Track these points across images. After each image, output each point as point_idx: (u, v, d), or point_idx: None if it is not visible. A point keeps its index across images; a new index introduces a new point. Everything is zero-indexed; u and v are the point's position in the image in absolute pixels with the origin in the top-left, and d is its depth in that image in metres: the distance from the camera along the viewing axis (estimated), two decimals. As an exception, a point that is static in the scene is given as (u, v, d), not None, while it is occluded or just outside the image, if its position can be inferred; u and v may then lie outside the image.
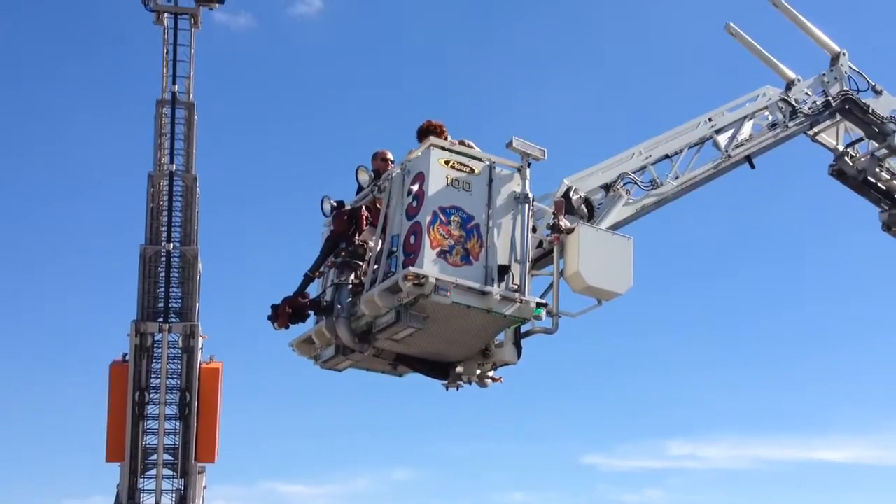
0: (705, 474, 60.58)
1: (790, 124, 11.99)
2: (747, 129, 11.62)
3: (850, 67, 12.78)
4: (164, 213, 32.05)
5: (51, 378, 56.44)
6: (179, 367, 31.80)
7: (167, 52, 31.44)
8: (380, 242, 8.76)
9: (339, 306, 8.88)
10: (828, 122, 12.99)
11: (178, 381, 31.71)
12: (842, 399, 61.26)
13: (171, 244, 32.05)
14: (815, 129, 13.10)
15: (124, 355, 31.54)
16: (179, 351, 31.91)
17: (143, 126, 32.96)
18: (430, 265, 8.14)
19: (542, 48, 64.51)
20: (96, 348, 55.30)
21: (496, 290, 8.36)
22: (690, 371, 61.46)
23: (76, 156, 61.36)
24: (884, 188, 13.69)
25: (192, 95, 31.73)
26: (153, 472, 31.23)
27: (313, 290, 9.37)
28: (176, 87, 31.42)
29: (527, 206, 8.70)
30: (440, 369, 9.21)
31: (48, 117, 60.19)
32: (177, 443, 31.44)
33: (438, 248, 8.24)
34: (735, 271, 64.40)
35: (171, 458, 31.38)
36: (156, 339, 31.80)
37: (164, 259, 32.09)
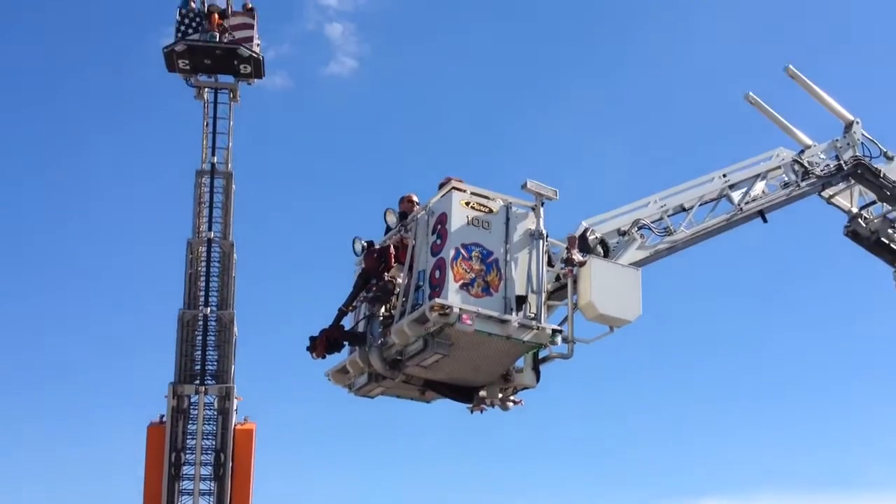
0: None
1: (802, 184, 12.56)
2: (760, 187, 12.20)
3: (863, 135, 13.40)
4: (202, 278, 33.07)
5: (89, 439, 57.24)
6: (214, 428, 32.44)
7: (206, 125, 32.90)
8: (407, 278, 9.60)
9: (372, 336, 9.72)
10: (842, 186, 13.62)
11: (213, 442, 32.24)
12: (878, 456, 60.27)
13: (209, 308, 32.98)
14: (830, 192, 13.65)
15: (161, 416, 32.20)
16: (215, 412, 32.56)
17: (183, 195, 34.14)
18: (454, 296, 8.95)
19: (575, 104, 65.83)
20: (134, 410, 56.12)
21: (515, 318, 9.14)
22: (728, 425, 60.87)
23: (119, 223, 63.37)
24: None
25: (230, 165, 32.98)
26: (189, 532, 31.74)
27: (347, 324, 10.22)
28: (215, 158, 32.72)
29: (541, 241, 9.54)
30: (465, 394, 9.94)
31: (94, 186, 62.39)
32: (212, 503, 31.96)
33: (461, 281, 9.06)
34: (757, 326, 64.16)
35: (206, 518, 31.89)
36: (192, 400, 32.47)
37: (201, 323, 32.96)
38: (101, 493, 54.51)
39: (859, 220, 13.98)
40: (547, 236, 9.63)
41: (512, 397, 9.95)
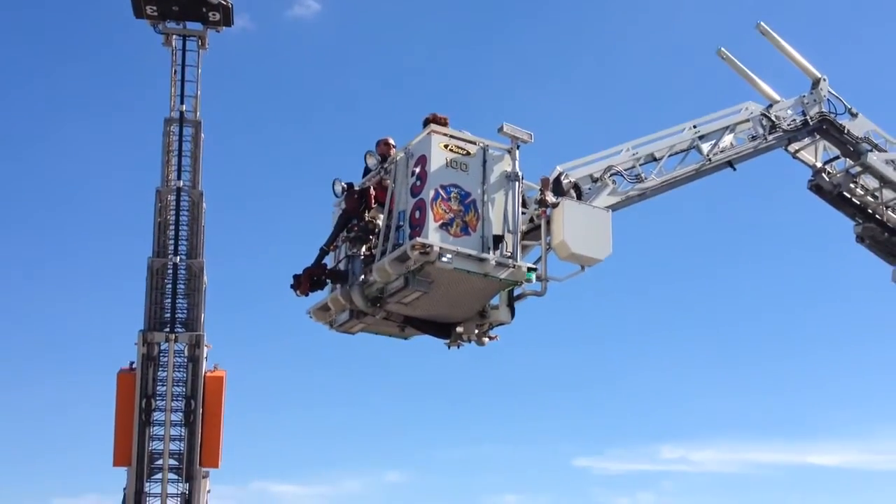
0: (697, 478, 61.33)
1: (769, 138, 12.91)
2: (728, 139, 12.53)
3: (829, 92, 13.73)
4: (171, 227, 33.13)
5: (58, 382, 57.44)
6: (185, 375, 32.75)
7: (175, 73, 32.73)
8: (387, 218, 9.92)
9: (353, 275, 10.05)
10: (807, 141, 13.98)
11: (184, 389, 32.63)
12: (833, 403, 62.25)
13: (178, 257, 33.08)
14: (796, 147, 14.02)
15: (131, 363, 32.46)
16: (185, 360, 32.87)
17: (152, 143, 34.10)
18: (434, 235, 9.28)
19: (539, 48, 66.18)
20: (104, 356, 56.39)
21: (492, 256, 9.51)
22: (680, 375, 62.50)
23: (88, 172, 62.90)
24: (858, 203, 14.63)
25: (198, 114, 32.95)
26: (159, 476, 32.08)
27: (328, 264, 10.54)
28: (184, 106, 32.66)
29: (516, 183, 9.87)
30: (443, 330, 10.34)
31: (63, 133, 61.80)
32: (182, 448, 32.30)
33: (441, 221, 9.38)
34: (724, 275, 65.69)
35: (176, 462, 32.20)
36: (162, 348, 32.75)
37: (170, 271, 33.10)
38: (73, 437, 55.01)
39: (823, 174, 14.32)
40: (522, 178, 9.97)
41: (488, 333, 10.36)
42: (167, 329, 32.88)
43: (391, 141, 10.49)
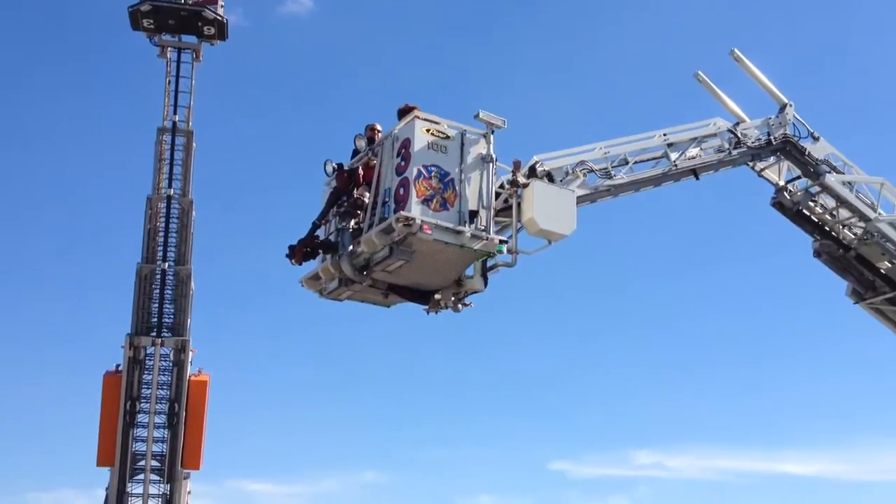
0: (672, 484, 62.22)
1: (734, 152, 13.79)
2: (695, 151, 13.40)
3: (794, 116, 14.65)
4: (161, 234, 34.05)
5: (45, 381, 57.96)
6: (170, 379, 33.54)
7: (169, 84, 33.82)
8: (374, 195, 10.97)
9: (342, 246, 11.09)
10: (772, 160, 14.83)
11: (168, 392, 33.38)
12: (809, 412, 63.45)
13: (167, 263, 33.97)
14: (761, 166, 14.91)
15: (117, 366, 33.21)
16: (170, 364, 33.67)
17: (144, 152, 35.16)
18: (416, 209, 10.30)
19: (531, 47, 68.04)
20: (91, 358, 57.04)
21: (468, 229, 10.54)
22: (657, 380, 63.65)
23: (81, 178, 63.95)
24: (816, 221, 15.41)
25: (191, 124, 34.03)
26: (141, 476, 32.72)
27: (320, 237, 11.57)
28: (177, 116, 33.74)
29: (490, 164, 10.91)
30: (423, 297, 11.36)
31: (58, 140, 62.80)
32: (164, 450, 32.99)
33: (422, 197, 10.40)
34: (704, 280, 67.21)
35: (158, 464, 32.88)
36: (148, 352, 33.51)
37: (158, 277, 34.02)
38: (58, 437, 55.39)
39: (784, 192, 15.09)
40: (496, 160, 11.05)
41: (463, 300, 11.39)
42: (154, 333, 33.70)
43: (378, 127, 11.55)
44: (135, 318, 33.58)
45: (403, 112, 11.11)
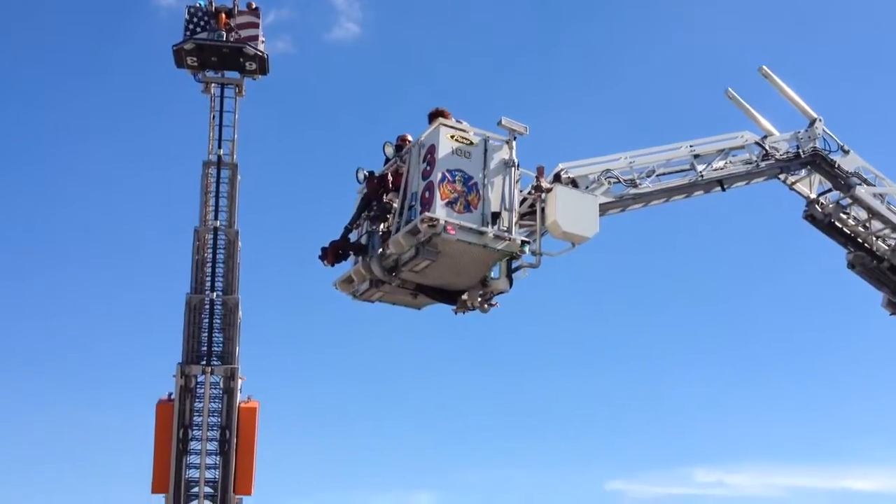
0: (733, 501, 60.91)
1: (762, 165, 14.01)
2: (721, 163, 13.59)
3: (824, 131, 14.83)
4: (209, 264, 34.94)
5: (101, 415, 59.13)
6: (220, 406, 34.20)
7: (213, 119, 34.89)
8: (401, 199, 11.48)
9: (372, 248, 11.62)
10: (803, 174, 15.04)
11: (219, 420, 34.02)
12: (872, 427, 61.70)
13: (215, 293, 34.82)
14: (792, 179, 15.11)
15: (170, 394, 33.96)
16: (220, 391, 34.35)
17: (191, 185, 36.17)
18: (440, 211, 10.79)
19: (566, 73, 68.50)
20: (143, 388, 58.17)
21: (490, 230, 10.99)
22: (714, 396, 62.58)
23: (131, 212, 65.74)
24: (848, 232, 15.55)
25: (235, 157, 35.00)
26: (195, 503, 33.40)
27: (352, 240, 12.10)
28: (221, 150, 34.73)
29: (513, 168, 11.37)
30: (450, 297, 11.81)
31: (108, 176, 64.74)
32: (217, 476, 33.55)
33: (447, 200, 10.89)
34: (757, 295, 66.11)
35: (211, 490, 33.42)
36: (199, 380, 34.26)
37: (207, 307, 34.80)
38: (113, 465, 56.51)
39: (816, 205, 15.23)
40: (518, 165, 11.50)
41: (490, 300, 11.80)
42: (203, 362, 34.44)
43: (409, 136, 12.11)
44: (185, 347, 34.36)
45: (433, 116, 11.58)
